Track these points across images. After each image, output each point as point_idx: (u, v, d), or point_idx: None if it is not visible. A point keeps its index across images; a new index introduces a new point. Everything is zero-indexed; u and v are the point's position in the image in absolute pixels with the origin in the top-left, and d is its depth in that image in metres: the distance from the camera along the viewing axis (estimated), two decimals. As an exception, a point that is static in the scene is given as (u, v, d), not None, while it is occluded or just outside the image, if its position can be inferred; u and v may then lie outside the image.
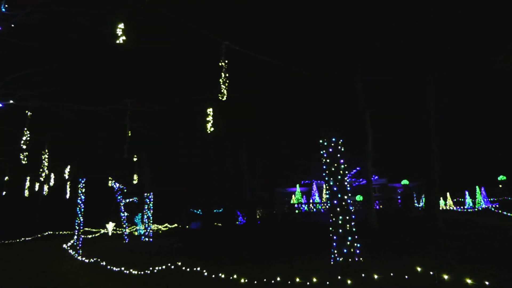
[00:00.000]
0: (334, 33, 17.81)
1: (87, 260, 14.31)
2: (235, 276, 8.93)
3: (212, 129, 11.88)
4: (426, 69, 16.33)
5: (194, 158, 29.90)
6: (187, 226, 36.79)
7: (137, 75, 18.80)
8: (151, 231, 23.63)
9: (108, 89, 18.01)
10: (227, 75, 10.77)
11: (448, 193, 37.33)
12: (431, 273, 7.05)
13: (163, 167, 32.26)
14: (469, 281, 6.32)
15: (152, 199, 24.32)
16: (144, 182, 27.23)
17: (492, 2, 13.22)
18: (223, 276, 9.20)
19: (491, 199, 35.41)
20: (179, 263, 10.93)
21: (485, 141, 37.09)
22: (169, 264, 10.99)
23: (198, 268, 10.17)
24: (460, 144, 35.27)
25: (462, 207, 34.67)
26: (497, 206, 30.21)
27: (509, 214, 23.37)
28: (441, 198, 34.14)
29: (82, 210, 17.62)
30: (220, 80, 10.74)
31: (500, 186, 40.90)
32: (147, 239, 22.66)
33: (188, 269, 10.39)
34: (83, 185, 17.78)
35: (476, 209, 31.29)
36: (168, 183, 33.97)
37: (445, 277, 6.72)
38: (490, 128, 29.63)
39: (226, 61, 10.90)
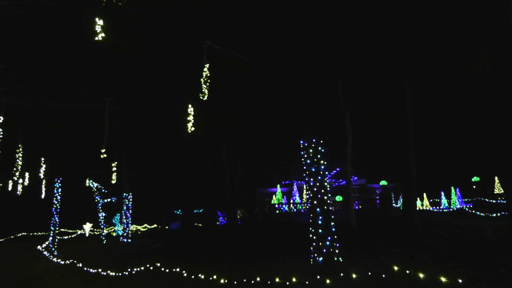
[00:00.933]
0: (316, 35, 18.01)
1: (62, 262, 13.96)
2: (214, 277, 8.89)
3: (193, 128, 11.78)
4: (404, 72, 16.67)
5: (174, 157, 29.61)
6: (167, 227, 36.39)
7: (116, 73, 18.50)
8: (129, 232, 23.24)
9: (86, 86, 17.63)
10: (208, 74, 10.71)
11: (425, 194, 38.20)
12: (407, 272, 7.21)
13: (143, 167, 31.84)
14: (443, 279, 6.49)
15: (131, 199, 23.93)
16: (123, 182, 26.78)
17: (466, 9, 13.62)
18: (202, 276, 9.14)
19: (465, 200, 36.48)
20: (158, 264, 10.80)
21: (460, 144, 38.23)
22: (147, 265, 10.84)
23: (178, 269, 10.07)
24: (436, 146, 36.27)
25: (438, 207, 35.56)
26: (471, 206, 31.12)
27: (482, 214, 24.12)
28: (418, 198, 34.94)
29: (58, 210, 17.18)
30: (201, 79, 10.67)
31: (474, 187, 42.20)
32: (125, 240, 22.26)
33: (167, 270, 10.27)
34: (59, 184, 17.34)
35: (451, 209, 32.15)
36: (147, 183, 33.56)
37: (421, 275, 6.87)
38: (464, 130, 30.51)
39: (208, 61, 10.84)
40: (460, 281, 6.34)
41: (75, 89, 17.32)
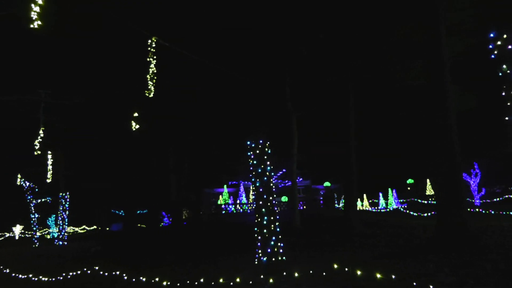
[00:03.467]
0: (264, 38, 18.27)
1: (-14, 268, 12.78)
2: (157, 279, 8.64)
3: (137, 126, 11.35)
4: (348, 77, 17.42)
5: (117, 156, 28.35)
6: (108, 228, 34.76)
7: (55, 64, 17.33)
8: (66, 234, 21.87)
9: (18, 77, 16.31)
10: (155, 71, 10.38)
11: (365, 195, 40.24)
12: (346, 269, 7.53)
13: (82, 165, 30.09)
14: (378, 275, 6.86)
15: (68, 199, 22.54)
16: (60, 181, 25.13)
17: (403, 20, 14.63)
18: (144, 279, 8.84)
19: (401, 200, 38.98)
20: (97, 268, 10.28)
21: (397, 148, 40.84)
22: (85, 269, 10.27)
23: (118, 272, 9.65)
24: (375, 150, 38.40)
25: (376, 208, 37.63)
26: (406, 206, 33.26)
27: (415, 213, 25.88)
28: (359, 199, 36.77)
29: (-17, 211, 15.71)
30: (148, 76, 10.32)
31: (409, 188, 45.21)
32: (61, 242, 20.93)
33: (106, 274, 9.80)
34: (-15, 183, 15.87)
35: (388, 209, 34.18)
36: (87, 182, 31.75)
37: (358, 272, 7.21)
38: (401, 136, 32.61)
39: (155, 57, 10.51)
40: (393, 276, 6.74)
41: (5, 80, 15.96)
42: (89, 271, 10.20)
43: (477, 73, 16.93)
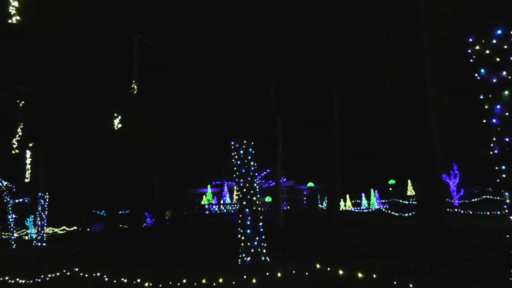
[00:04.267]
0: (249, 39, 18.29)
1: (-40, 270, 12.35)
2: (138, 281, 8.52)
3: (119, 125, 11.18)
4: (331, 78, 17.58)
5: (99, 155, 27.86)
6: (88, 229, 34.13)
7: (34, 61, 16.91)
8: (45, 235, 21.37)
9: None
10: (138, 69, 10.24)
11: (348, 195, 40.64)
12: (328, 269, 7.59)
13: (62, 164, 29.45)
14: (360, 275, 6.95)
15: (47, 200, 22.02)
16: (39, 180, 24.53)
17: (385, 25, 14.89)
18: (125, 281, 8.71)
19: (383, 201, 39.55)
20: (77, 269, 10.07)
21: (379, 149, 41.52)
22: (64, 271, 10.05)
23: (98, 274, 9.48)
24: (358, 151, 38.96)
25: (359, 208, 38.07)
26: (387, 207, 33.77)
27: (396, 214, 26.30)
28: (342, 199, 37.10)
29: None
30: (132, 74, 10.18)
31: (390, 189, 45.87)
32: (40, 244, 20.43)
33: (86, 275, 9.61)
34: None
35: (370, 210, 34.62)
36: (67, 182, 31.09)
37: (340, 272, 7.28)
38: (383, 137, 33.15)
39: (138, 55, 10.36)
40: (374, 276, 6.84)
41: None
42: (68, 273, 9.99)
43: (457, 77, 17.37)
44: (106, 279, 9.08)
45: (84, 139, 25.03)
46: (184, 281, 8.07)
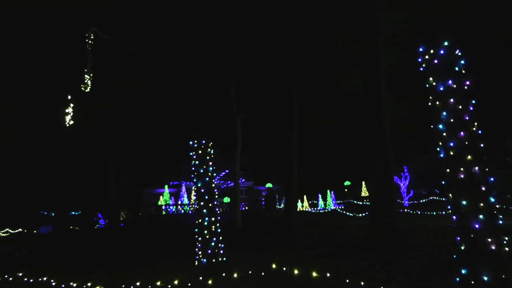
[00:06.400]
0: (211, 38, 18.17)
1: None
2: (89, 284, 8.16)
3: (71, 122, 10.66)
4: (292, 80, 17.86)
5: (48, 153, 26.38)
6: (35, 231, 32.17)
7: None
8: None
9: None
10: (93, 65, 9.81)
11: (305, 196, 41.41)
12: (284, 269, 7.70)
13: (8, 162, 27.59)
14: (314, 274, 7.11)
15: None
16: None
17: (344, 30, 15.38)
18: (75, 285, 8.31)
19: (338, 201, 40.72)
20: (20, 274, 9.47)
21: (336, 151, 42.73)
22: (6, 276, 9.41)
23: (45, 278, 8.97)
24: (315, 152, 39.84)
25: (315, 208, 38.92)
26: (343, 207, 34.80)
27: (351, 214, 27.18)
28: (299, 200, 37.75)
29: None
30: (85, 69, 9.72)
31: (346, 190, 47.35)
32: (-21, 247, 18.98)
33: (31, 280, 9.06)
34: None
35: (327, 210, 35.51)
36: (11, 181, 29.15)
37: (296, 271, 7.41)
38: (340, 139, 34.15)
39: (92, 50, 9.91)
40: (328, 275, 7.03)
41: None
42: (11, 278, 9.37)
43: (410, 84, 18.27)
44: (54, 283, 8.62)
45: (32, 135, 23.59)
46: (138, 283, 7.83)
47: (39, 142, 24.30)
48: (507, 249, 4.84)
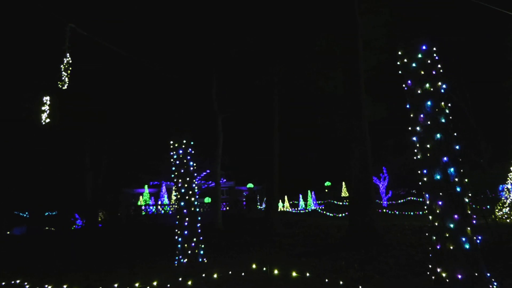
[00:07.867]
0: (193, 37, 18.07)
1: None
2: (65, 287, 7.96)
3: (47, 120, 10.36)
4: (273, 81, 17.93)
5: (22, 151, 25.55)
6: (8, 232, 31.13)
7: None
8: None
9: None
10: (70, 61, 9.57)
11: (286, 196, 41.65)
12: (264, 269, 7.72)
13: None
14: (294, 273, 7.15)
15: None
16: None
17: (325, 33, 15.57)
18: (50, 287, 8.08)
19: (319, 202, 41.14)
20: (-8, 277, 9.14)
21: (317, 151, 43.15)
22: (-24, 279, 9.07)
23: (18, 281, 8.69)
24: (297, 152, 40.11)
25: (296, 209, 39.20)
26: (323, 207, 35.19)
27: (331, 214, 27.52)
28: (280, 200, 37.94)
29: None
30: (62, 66, 9.47)
31: (326, 190, 47.89)
32: None
33: (3, 283, 8.76)
34: None
35: (307, 210, 35.83)
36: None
37: (276, 271, 7.44)
38: (320, 140, 34.50)
39: (70, 46, 9.66)
40: (307, 274, 7.09)
41: None
42: (-19, 281, 9.04)
43: (389, 86, 18.67)
44: (28, 286, 8.36)
45: (3, 132, 22.79)
46: (116, 285, 7.69)
47: (12, 139, 23.51)
48: (479, 247, 5.00)
